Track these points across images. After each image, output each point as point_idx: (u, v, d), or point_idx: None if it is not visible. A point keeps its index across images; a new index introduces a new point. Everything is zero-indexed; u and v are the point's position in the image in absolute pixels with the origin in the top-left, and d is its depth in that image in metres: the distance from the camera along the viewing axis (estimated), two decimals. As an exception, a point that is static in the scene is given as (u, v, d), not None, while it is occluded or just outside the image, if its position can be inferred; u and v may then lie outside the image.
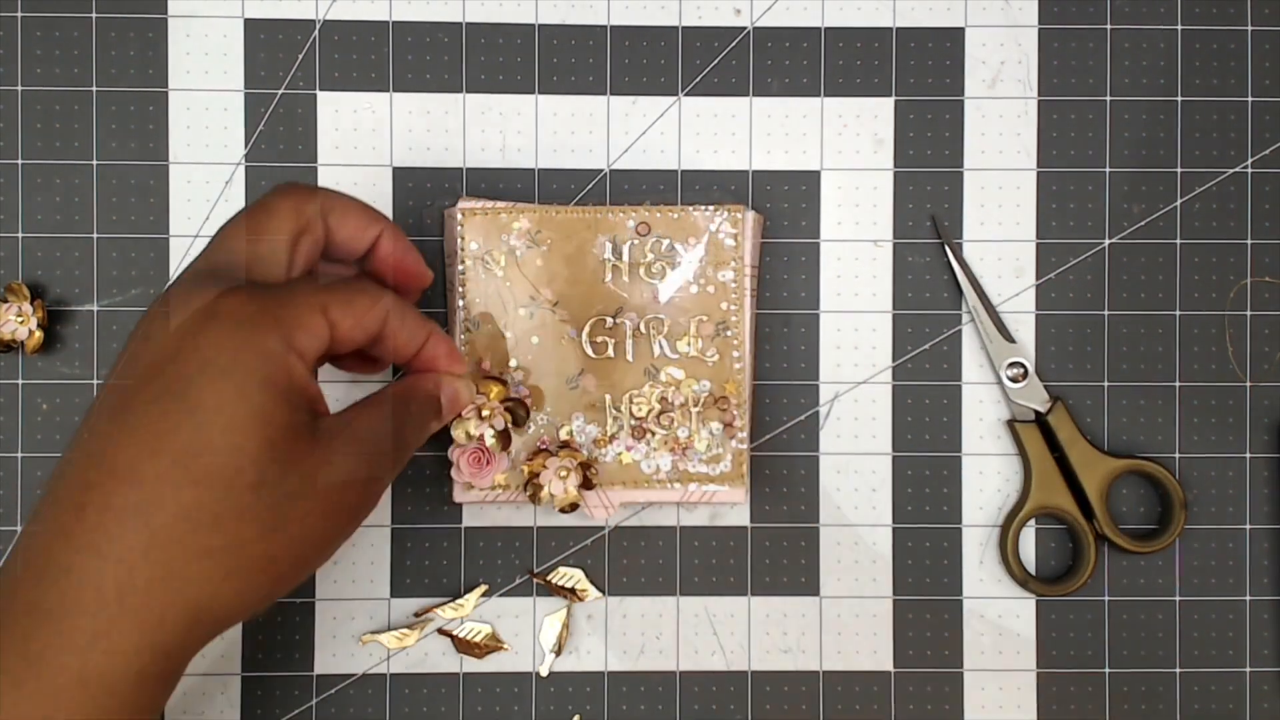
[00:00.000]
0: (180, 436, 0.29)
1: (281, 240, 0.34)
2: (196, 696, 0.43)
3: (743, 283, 0.42)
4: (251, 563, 0.30)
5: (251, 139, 0.44)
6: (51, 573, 0.29)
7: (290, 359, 0.31)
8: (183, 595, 0.30)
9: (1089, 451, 0.43)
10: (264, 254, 0.33)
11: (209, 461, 0.29)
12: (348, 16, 0.44)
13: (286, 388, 0.31)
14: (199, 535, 0.29)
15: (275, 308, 0.31)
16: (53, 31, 0.43)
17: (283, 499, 0.30)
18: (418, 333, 0.36)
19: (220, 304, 0.31)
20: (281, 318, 0.31)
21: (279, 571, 0.31)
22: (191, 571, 0.29)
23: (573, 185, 0.44)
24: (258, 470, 0.30)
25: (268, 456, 0.30)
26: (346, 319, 0.33)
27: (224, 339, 0.30)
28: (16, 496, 0.43)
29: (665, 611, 0.43)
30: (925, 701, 0.43)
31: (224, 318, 0.30)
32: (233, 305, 0.31)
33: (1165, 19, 0.44)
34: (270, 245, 0.33)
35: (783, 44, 0.44)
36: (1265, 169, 0.44)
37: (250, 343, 0.30)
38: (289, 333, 0.31)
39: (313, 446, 0.31)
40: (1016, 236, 0.44)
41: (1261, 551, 0.44)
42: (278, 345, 0.31)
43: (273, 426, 0.30)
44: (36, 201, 0.43)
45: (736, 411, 0.42)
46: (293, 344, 0.31)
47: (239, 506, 0.30)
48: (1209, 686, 0.44)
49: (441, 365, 0.37)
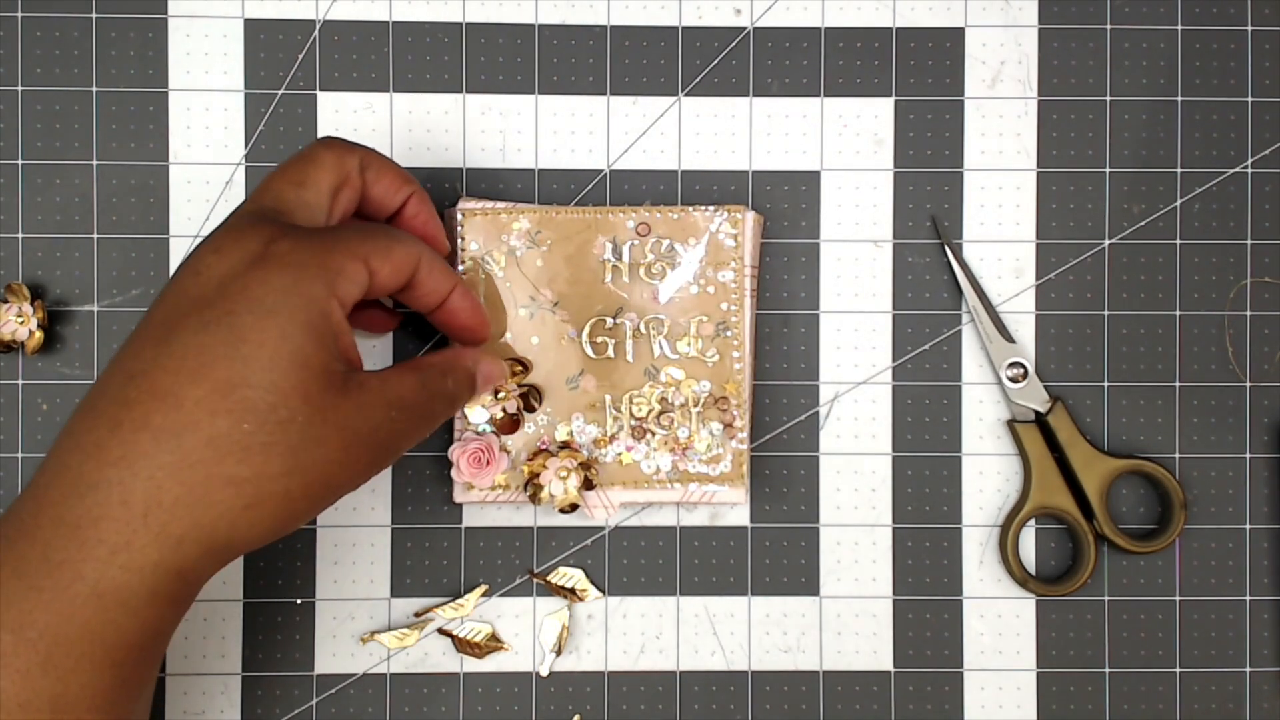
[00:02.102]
0: (222, 367, 0.30)
1: (324, 189, 0.35)
2: (196, 696, 0.43)
3: (743, 283, 0.42)
4: (270, 497, 0.31)
5: (251, 139, 0.44)
6: (80, 487, 0.30)
7: (332, 304, 0.32)
8: (204, 519, 0.30)
9: (1089, 451, 0.43)
10: (309, 200, 0.35)
11: (246, 394, 0.30)
12: (348, 16, 0.44)
13: (325, 333, 0.32)
14: (226, 464, 0.30)
15: (322, 255, 0.32)
16: (53, 31, 0.43)
17: (309, 440, 0.31)
18: (444, 283, 0.37)
19: (272, 248, 0.32)
20: (327, 265, 0.32)
21: (293, 509, 0.32)
22: (215, 497, 0.30)
23: (573, 185, 0.44)
24: (289, 409, 0.31)
25: (300, 397, 0.31)
26: (385, 267, 0.34)
27: (273, 280, 0.31)
28: (16, 496, 0.43)
29: (665, 611, 0.43)
30: (925, 701, 0.43)
31: (274, 261, 0.32)
32: (283, 249, 0.32)
33: (1165, 19, 0.44)
34: (315, 192, 0.35)
35: (783, 44, 0.44)
36: (1265, 169, 0.44)
37: (297, 287, 0.32)
38: (333, 279, 0.32)
39: (343, 396, 0.32)
40: (1016, 236, 0.44)
41: (1261, 551, 0.44)
42: (322, 291, 0.32)
43: (309, 370, 0.31)
44: (36, 201, 0.43)
45: (736, 412, 0.42)
46: (335, 290, 0.32)
47: (268, 441, 0.31)
48: (1209, 686, 0.44)
49: (464, 319, 0.38)
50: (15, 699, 0.30)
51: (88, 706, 0.31)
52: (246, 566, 0.43)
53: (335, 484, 0.33)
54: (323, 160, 0.35)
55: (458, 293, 0.38)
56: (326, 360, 0.32)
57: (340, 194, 0.36)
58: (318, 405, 0.31)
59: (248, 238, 0.32)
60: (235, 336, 0.31)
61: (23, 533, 0.31)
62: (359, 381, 0.33)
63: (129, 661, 0.31)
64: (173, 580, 0.31)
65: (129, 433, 0.30)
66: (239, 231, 0.33)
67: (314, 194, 0.35)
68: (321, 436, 0.32)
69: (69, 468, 0.31)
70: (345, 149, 0.36)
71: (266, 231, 0.32)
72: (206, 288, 0.32)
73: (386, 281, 0.35)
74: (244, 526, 0.31)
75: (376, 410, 0.33)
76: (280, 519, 0.32)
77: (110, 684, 0.31)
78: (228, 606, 0.43)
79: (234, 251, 0.32)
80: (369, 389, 0.33)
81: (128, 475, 0.30)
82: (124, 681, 0.31)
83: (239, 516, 0.31)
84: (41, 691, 0.30)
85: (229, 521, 0.31)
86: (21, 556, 0.30)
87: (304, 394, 0.31)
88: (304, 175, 0.35)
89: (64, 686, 0.30)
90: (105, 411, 0.31)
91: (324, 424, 0.32)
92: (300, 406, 0.31)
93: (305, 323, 0.31)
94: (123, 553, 0.30)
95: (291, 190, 0.35)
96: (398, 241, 0.35)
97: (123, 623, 0.31)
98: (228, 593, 0.43)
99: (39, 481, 0.31)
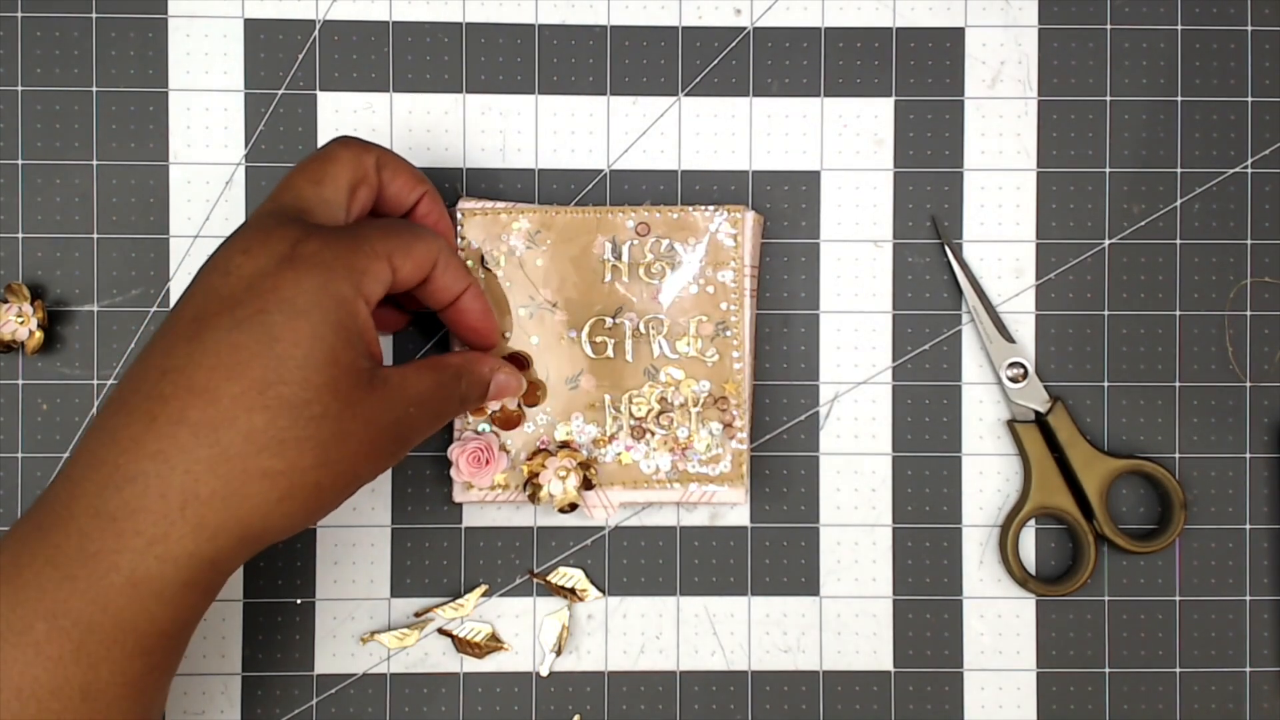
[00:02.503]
0: (257, 365, 0.31)
1: (342, 186, 0.36)
2: (196, 696, 0.43)
3: (742, 283, 0.42)
4: (302, 489, 0.32)
5: (251, 139, 0.44)
6: (117, 479, 0.31)
7: (359, 304, 0.33)
8: (239, 511, 0.31)
9: (1089, 451, 0.43)
10: (327, 198, 0.35)
11: (281, 391, 0.31)
12: (348, 16, 0.44)
13: (353, 332, 0.33)
14: (262, 457, 0.31)
15: (349, 255, 0.33)
16: (53, 31, 0.43)
17: (339, 435, 0.32)
18: (458, 282, 0.38)
19: (299, 249, 0.33)
20: (354, 265, 0.33)
21: (322, 500, 0.33)
22: (250, 490, 0.31)
23: (573, 185, 0.44)
24: (322, 405, 0.32)
25: (331, 393, 0.32)
26: (407, 264, 0.35)
27: (303, 282, 0.32)
28: (16, 496, 0.43)
29: (665, 611, 0.43)
30: (925, 701, 0.43)
31: (302, 262, 0.33)
32: (310, 250, 0.33)
33: (1165, 19, 0.44)
34: (333, 190, 0.36)
35: (783, 44, 0.44)
36: (1265, 169, 0.44)
37: (327, 287, 0.32)
38: (359, 279, 0.33)
39: (369, 391, 0.33)
40: (1016, 236, 0.44)
41: (1261, 551, 0.44)
42: (349, 291, 0.33)
43: (339, 367, 0.32)
44: (36, 201, 0.43)
45: (736, 412, 0.42)
46: (361, 290, 0.33)
47: (301, 436, 0.32)
48: (1209, 686, 0.44)
49: (473, 320, 0.39)
50: (47, 686, 0.30)
51: (117, 694, 0.31)
52: (246, 566, 0.43)
53: (360, 475, 0.34)
54: (340, 158, 0.36)
55: (470, 293, 0.38)
56: (354, 358, 0.33)
57: (358, 192, 0.36)
58: (347, 401, 0.33)
59: (275, 238, 0.33)
60: (270, 335, 0.32)
61: (57, 523, 0.31)
62: (383, 377, 0.34)
63: (159, 649, 0.32)
64: (206, 570, 0.32)
65: (166, 426, 0.31)
66: (265, 232, 0.33)
67: (333, 191, 0.35)
68: (350, 431, 0.33)
69: (105, 461, 0.31)
70: (362, 147, 0.37)
71: (293, 233, 0.33)
72: (236, 287, 0.32)
73: (408, 278, 0.36)
74: (277, 517, 0.32)
75: (397, 406, 0.34)
76: (311, 509, 0.33)
77: (140, 671, 0.32)
78: (228, 606, 0.43)
79: (262, 252, 0.33)
80: (392, 385, 0.34)
81: (165, 468, 0.31)
82: (153, 668, 0.32)
83: (273, 508, 0.32)
84: (72, 679, 0.31)
85: (263, 513, 0.32)
86: (56, 546, 0.31)
87: (335, 390, 0.32)
88: (322, 173, 0.36)
89: (95, 674, 0.31)
90: (140, 406, 0.32)
91: (352, 419, 0.33)
92: (331, 402, 0.32)
93: (336, 323, 0.32)
94: (159, 544, 0.31)
95: (310, 188, 0.35)
96: (419, 238, 0.36)
97: (155, 611, 0.31)
98: (228, 593, 0.43)
99: (71, 474, 0.32)
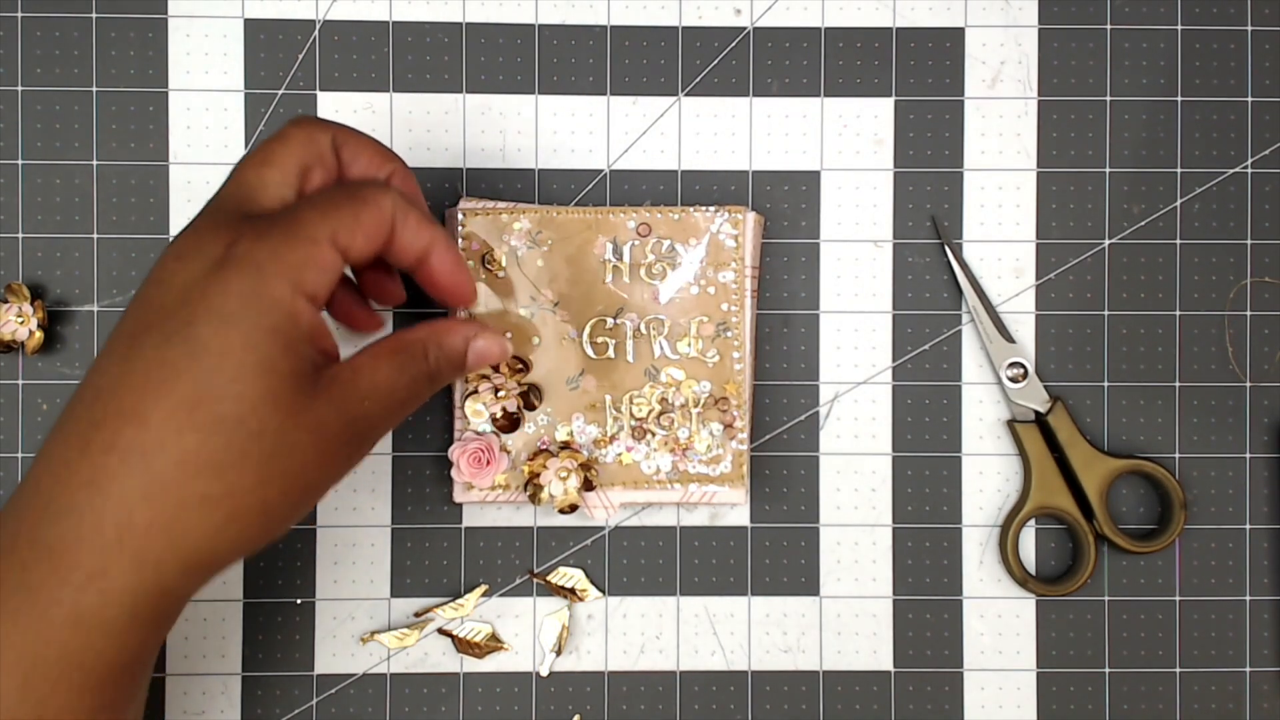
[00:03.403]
0: (185, 381, 0.29)
1: (290, 168, 0.33)
2: (196, 696, 0.43)
3: (743, 283, 0.42)
4: (248, 510, 0.30)
5: (252, 139, 0.43)
6: (53, 510, 0.29)
7: (298, 304, 0.31)
8: (180, 540, 0.29)
9: (1089, 451, 0.43)
10: (272, 179, 0.33)
11: (212, 408, 0.29)
12: (348, 16, 0.44)
13: (292, 335, 0.30)
14: (198, 482, 0.29)
15: (284, 251, 0.31)
16: (53, 31, 0.43)
17: (281, 448, 0.30)
18: (419, 237, 0.34)
19: (232, 250, 0.30)
20: (290, 261, 0.31)
21: (273, 517, 0.31)
22: (189, 517, 0.29)
23: (573, 185, 0.44)
24: (259, 419, 0.30)
25: (269, 406, 0.30)
26: (357, 239, 0.32)
27: (232, 287, 0.30)
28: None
29: (665, 611, 0.43)
30: (925, 701, 0.43)
31: (233, 265, 0.30)
32: (242, 251, 0.30)
33: (1165, 19, 0.44)
34: (280, 171, 0.33)
35: (783, 44, 0.44)
36: (1265, 169, 0.44)
37: (258, 291, 0.30)
38: (298, 275, 0.31)
39: (315, 397, 0.31)
40: (1016, 236, 0.44)
41: (1261, 551, 0.44)
42: (285, 292, 0.30)
43: (276, 375, 0.30)
44: (36, 201, 0.43)
45: (737, 412, 0.42)
46: (301, 287, 0.31)
47: (239, 455, 0.29)
48: (1209, 686, 0.44)
49: (446, 280, 0.36)
50: None
51: None
52: (246, 566, 0.43)
53: (314, 486, 0.32)
54: (291, 138, 0.34)
55: (438, 250, 0.35)
56: (295, 363, 0.30)
57: (310, 174, 0.34)
58: (289, 411, 0.30)
59: (207, 241, 0.31)
60: (197, 349, 0.29)
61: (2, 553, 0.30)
62: (330, 376, 0.32)
63: (109, 684, 0.30)
64: (154, 602, 0.30)
65: (98, 454, 0.29)
66: (199, 235, 0.31)
67: (279, 173, 0.33)
68: (296, 442, 0.30)
69: (42, 490, 0.30)
70: (317, 126, 0.34)
71: (226, 234, 0.31)
72: (169, 298, 0.30)
73: (363, 251, 0.33)
74: (224, 542, 0.30)
75: (350, 404, 0.32)
76: (262, 529, 0.31)
77: (91, 708, 0.30)
78: (228, 606, 0.43)
79: (194, 257, 0.31)
80: (341, 383, 0.32)
81: (98, 499, 0.29)
82: (105, 705, 0.31)
83: (218, 534, 0.30)
84: (19, 716, 0.29)
85: (208, 539, 0.30)
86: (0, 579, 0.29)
87: (274, 402, 0.30)
88: (270, 154, 0.33)
89: (42, 710, 0.29)
90: (75, 432, 0.30)
91: (296, 429, 0.30)
92: (270, 415, 0.30)
93: (270, 328, 0.30)
94: (99, 578, 0.29)
95: (254, 171, 0.33)
96: (365, 203, 0.33)
97: (102, 647, 0.30)
98: (228, 593, 0.43)
99: (16, 501, 0.30)
